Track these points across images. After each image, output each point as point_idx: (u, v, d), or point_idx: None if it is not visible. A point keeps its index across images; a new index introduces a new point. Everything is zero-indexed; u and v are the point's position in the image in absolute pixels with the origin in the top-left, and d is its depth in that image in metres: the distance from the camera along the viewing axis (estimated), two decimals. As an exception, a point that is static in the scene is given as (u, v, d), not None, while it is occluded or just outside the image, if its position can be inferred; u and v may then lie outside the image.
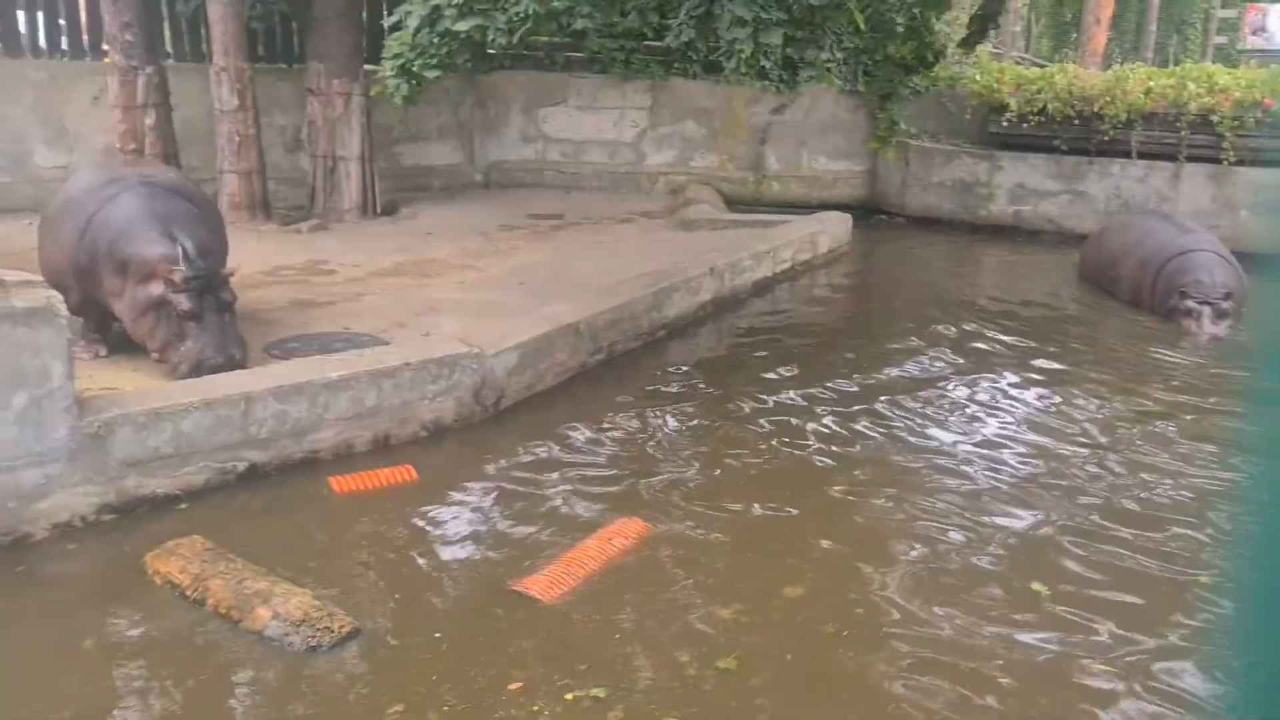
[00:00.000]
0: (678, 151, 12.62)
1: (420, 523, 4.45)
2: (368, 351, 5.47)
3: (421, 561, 4.16)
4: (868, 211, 12.20)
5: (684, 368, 6.77)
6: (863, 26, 8.76)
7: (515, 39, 7.49)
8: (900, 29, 10.20)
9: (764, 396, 6.16)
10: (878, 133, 11.96)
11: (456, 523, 4.51)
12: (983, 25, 12.36)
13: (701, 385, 6.40)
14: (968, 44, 12.33)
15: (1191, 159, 10.56)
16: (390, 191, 10.56)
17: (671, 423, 5.69)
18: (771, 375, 6.58)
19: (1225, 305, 7.46)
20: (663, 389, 6.27)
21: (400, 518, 4.47)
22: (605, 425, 5.60)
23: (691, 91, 12.42)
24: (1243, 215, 10.21)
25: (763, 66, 11.13)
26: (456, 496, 4.74)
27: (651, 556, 4.22)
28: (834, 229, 10.28)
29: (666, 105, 12.48)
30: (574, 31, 9.90)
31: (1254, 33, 20.36)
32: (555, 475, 4.95)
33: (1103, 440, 5.63)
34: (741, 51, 7.25)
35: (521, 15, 7.30)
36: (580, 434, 5.47)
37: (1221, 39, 20.35)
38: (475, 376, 5.49)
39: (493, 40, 7.44)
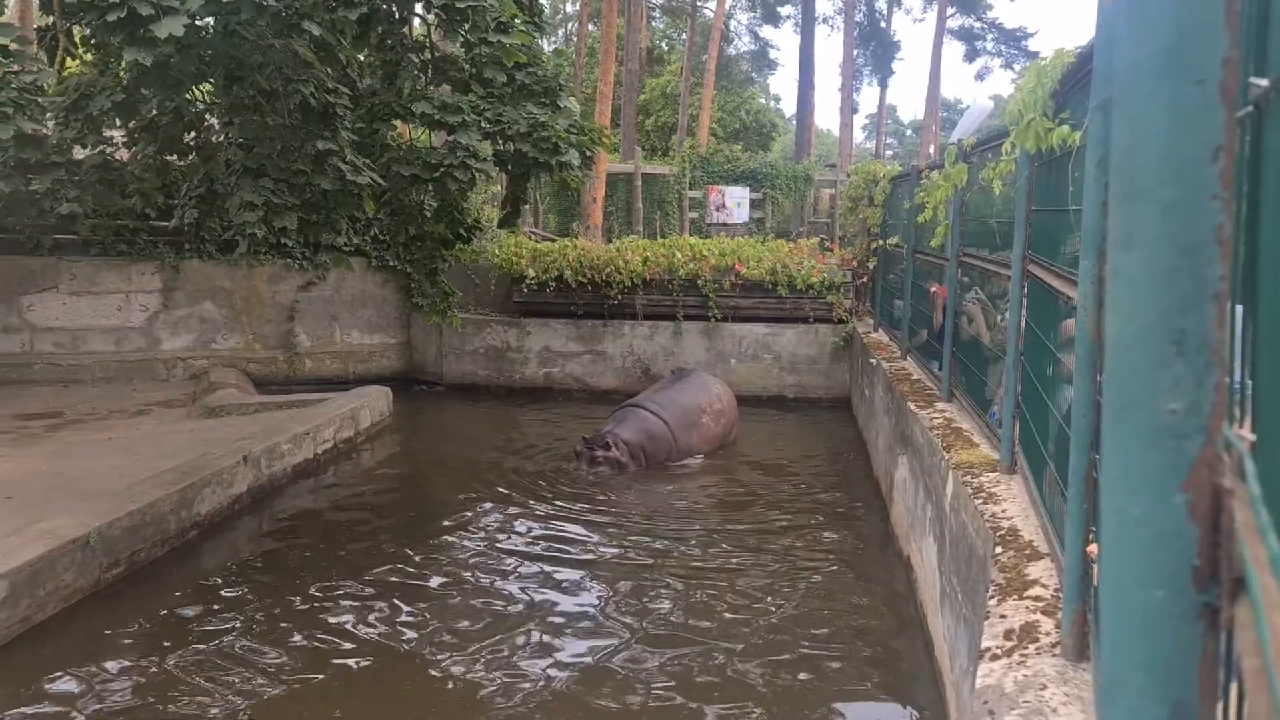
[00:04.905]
0: (197, 334, 11.77)
1: None
2: None
3: None
4: (407, 382, 12.22)
5: (219, 573, 6.11)
6: (371, 212, 8.91)
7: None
8: (430, 210, 10.53)
9: (315, 596, 5.70)
10: (435, 306, 11.93)
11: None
12: (515, 206, 13.54)
13: (242, 592, 5.78)
14: (506, 224, 13.34)
15: (688, 318, 11.98)
16: None
17: (200, 649, 4.98)
18: (321, 567, 6.16)
19: (598, 453, 8.34)
20: (194, 605, 5.57)
21: None
22: (124, 660, 4.82)
23: (208, 272, 11.72)
24: (732, 364, 11.75)
25: (285, 245, 10.86)
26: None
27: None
28: (375, 403, 10.13)
29: (180, 287, 11.63)
30: (62, 214, 9.03)
31: (717, 210, 24.14)
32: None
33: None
34: (254, 234, 7.03)
35: (-14, 195, 6.45)
36: (89, 678, 4.64)
37: (694, 215, 23.73)
38: (-56, 622, 4.50)
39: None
